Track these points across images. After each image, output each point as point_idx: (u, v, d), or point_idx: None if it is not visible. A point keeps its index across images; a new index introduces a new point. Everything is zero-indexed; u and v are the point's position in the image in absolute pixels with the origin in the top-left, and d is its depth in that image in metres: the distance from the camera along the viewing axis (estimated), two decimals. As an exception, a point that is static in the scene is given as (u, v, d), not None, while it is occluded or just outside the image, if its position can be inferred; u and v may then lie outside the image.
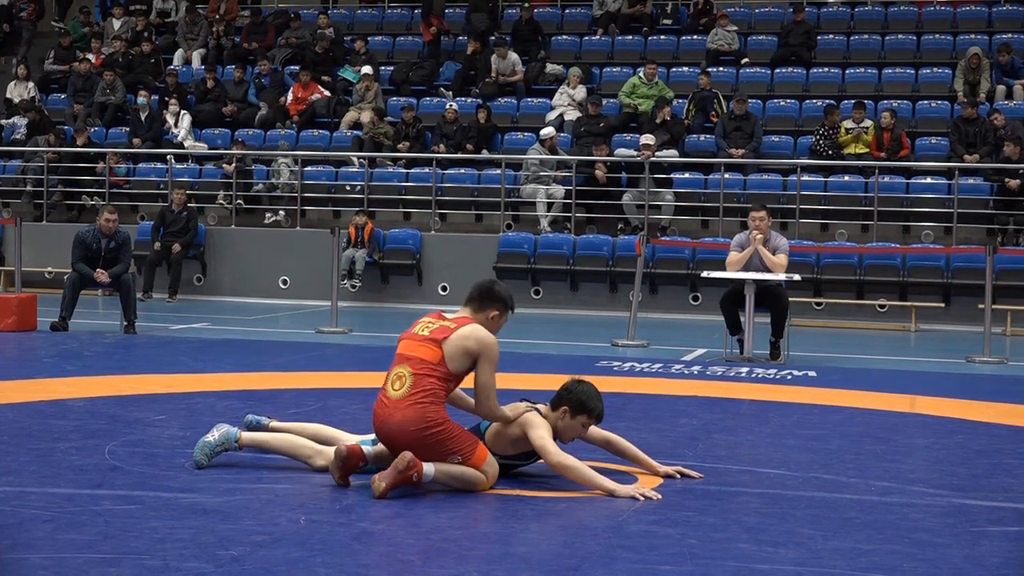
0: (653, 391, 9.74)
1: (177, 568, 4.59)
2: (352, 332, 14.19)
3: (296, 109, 21.10)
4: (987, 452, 7.57)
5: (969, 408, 9.28)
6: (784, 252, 12.15)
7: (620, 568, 4.77)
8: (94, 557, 4.71)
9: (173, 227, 18.08)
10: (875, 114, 18.98)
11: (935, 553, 5.12)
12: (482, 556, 4.92)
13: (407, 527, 5.34)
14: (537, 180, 18.41)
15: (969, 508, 6.01)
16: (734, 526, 5.48)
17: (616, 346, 13.32)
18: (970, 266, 16.01)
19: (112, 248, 13.46)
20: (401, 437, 5.93)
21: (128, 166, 20.64)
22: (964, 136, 18.03)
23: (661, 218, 18.14)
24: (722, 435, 7.91)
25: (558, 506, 5.81)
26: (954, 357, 13.04)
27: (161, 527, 5.17)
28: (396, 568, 4.66)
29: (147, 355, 11.51)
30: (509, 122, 20.70)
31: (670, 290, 17.22)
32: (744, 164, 18.44)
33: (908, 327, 16.03)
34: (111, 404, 8.44)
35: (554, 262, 17.55)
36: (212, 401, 8.66)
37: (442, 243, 18.21)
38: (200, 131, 21.26)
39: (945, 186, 17.73)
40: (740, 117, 18.62)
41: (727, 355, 12.36)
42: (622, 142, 19.19)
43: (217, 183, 19.77)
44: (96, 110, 21.86)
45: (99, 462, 6.51)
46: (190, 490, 5.90)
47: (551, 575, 4.69)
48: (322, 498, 5.76)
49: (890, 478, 6.65)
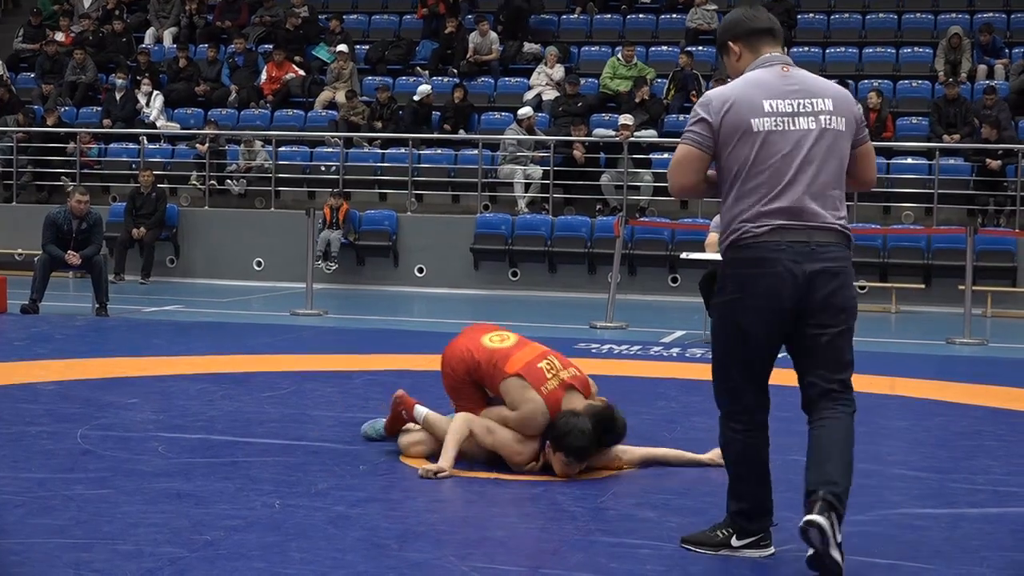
0: (631, 373, 9.75)
1: (151, 553, 4.58)
2: (327, 314, 14.17)
3: (270, 89, 21.02)
4: (967, 434, 7.62)
5: (949, 390, 9.32)
6: (764, 233, 12.15)
7: (598, 552, 4.79)
8: (66, 542, 4.70)
9: (144, 209, 18.00)
10: (856, 93, 19.00)
11: (915, 535, 5.15)
12: (459, 540, 4.93)
13: (383, 511, 5.35)
14: (515, 160, 18.39)
15: (949, 490, 6.05)
16: (713, 509, 5.49)
17: (594, 328, 13.34)
18: (950, 247, 16.06)
19: (84, 230, 13.41)
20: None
21: (99, 146, 20.54)
22: (944, 116, 18.08)
23: (640, 199, 18.14)
24: (701, 418, 7.92)
25: (536, 490, 5.82)
26: (934, 339, 13.10)
27: (134, 512, 5.16)
28: (372, 552, 4.67)
29: (119, 338, 11.47)
30: (486, 102, 20.66)
31: (649, 272, 17.23)
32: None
33: (888, 308, 16.09)
34: (83, 387, 8.41)
35: (532, 243, 17.54)
36: (185, 384, 8.65)
37: (418, 224, 18.18)
38: (172, 111, 21.16)
39: (925, 167, 17.79)
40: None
41: (706, 337, 12.37)
42: (600, 122, 19.18)
43: (190, 164, 19.70)
44: (66, 89, 21.73)
45: (71, 446, 6.50)
46: (163, 475, 5.89)
47: (529, 559, 4.70)
48: (297, 482, 5.76)
49: (869, 460, 6.66)
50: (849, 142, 4.74)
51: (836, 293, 4.65)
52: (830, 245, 4.66)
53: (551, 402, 6.10)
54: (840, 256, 4.68)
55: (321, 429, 7.18)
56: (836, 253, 4.67)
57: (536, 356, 6.28)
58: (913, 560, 4.78)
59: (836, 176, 4.71)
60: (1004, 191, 17.33)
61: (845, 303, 4.68)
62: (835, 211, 4.70)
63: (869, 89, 18.66)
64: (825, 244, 4.65)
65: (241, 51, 21.75)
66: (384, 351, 10.76)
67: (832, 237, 4.67)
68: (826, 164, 4.67)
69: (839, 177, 4.72)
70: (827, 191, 4.68)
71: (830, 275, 4.64)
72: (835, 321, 4.67)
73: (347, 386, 8.85)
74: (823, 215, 4.66)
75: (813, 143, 4.66)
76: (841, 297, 4.67)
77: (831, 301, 4.65)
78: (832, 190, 4.69)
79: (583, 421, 5.99)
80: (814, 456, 4.64)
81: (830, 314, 4.66)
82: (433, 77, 20.79)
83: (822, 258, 4.64)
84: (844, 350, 4.71)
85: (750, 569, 4.60)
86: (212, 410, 7.68)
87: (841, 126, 4.70)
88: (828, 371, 4.69)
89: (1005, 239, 16.26)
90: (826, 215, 4.66)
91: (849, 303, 4.71)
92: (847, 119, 4.73)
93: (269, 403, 7.94)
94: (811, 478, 4.57)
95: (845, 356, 4.71)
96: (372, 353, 10.60)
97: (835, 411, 4.68)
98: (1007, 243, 16.28)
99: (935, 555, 4.86)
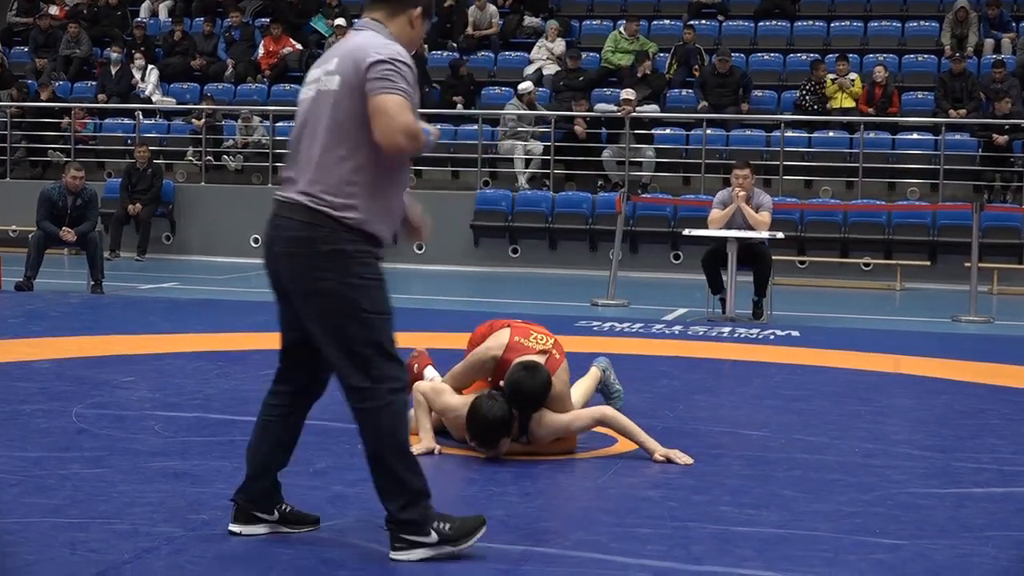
0: (633, 352, 9.75)
1: (147, 532, 4.59)
2: (325, 292, 14.13)
3: (267, 63, 20.97)
4: (972, 413, 7.62)
5: (954, 368, 9.33)
6: (767, 209, 12.15)
7: (599, 531, 4.80)
8: (61, 522, 4.71)
9: (140, 185, 17.97)
10: (860, 68, 18.97)
11: (919, 515, 5.16)
12: (459, 519, 4.93)
13: (382, 490, 5.34)
14: (515, 136, 18.36)
15: (954, 469, 6.05)
16: (715, 488, 5.51)
17: (596, 306, 13.33)
18: (956, 223, 16.04)
19: (78, 206, 13.40)
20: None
21: (94, 122, 20.51)
22: (951, 91, 18.03)
23: (642, 175, 18.12)
24: (703, 396, 7.93)
25: (536, 468, 5.82)
26: (940, 316, 13.09)
27: (130, 491, 5.17)
28: (370, 532, 4.67)
29: (115, 315, 11.47)
30: (486, 76, 20.61)
31: (651, 248, 17.22)
32: (727, 120, 18.42)
33: (893, 286, 16.08)
34: (78, 366, 8.42)
35: (532, 220, 17.52)
36: (182, 363, 8.65)
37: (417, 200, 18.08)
38: (168, 85, 21.11)
39: (931, 142, 17.76)
40: (722, 75, 18.56)
41: (709, 315, 12.38)
42: (602, 97, 19.14)
43: (186, 139, 19.66)
44: (61, 64, 21.69)
45: (66, 425, 6.50)
46: (160, 453, 5.90)
47: (529, 538, 4.71)
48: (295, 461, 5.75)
49: (874, 439, 6.68)
50: (350, 99, 4.30)
51: (296, 278, 4.34)
52: (291, 221, 4.33)
53: (509, 351, 6.10)
54: (297, 237, 4.30)
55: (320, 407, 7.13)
56: (293, 233, 4.31)
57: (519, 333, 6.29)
58: (917, 539, 4.78)
59: (326, 141, 4.31)
60: (1011, 167, 17.31)
61: (308, 287, 4.30)
62: (317, 182, 4.30)
63: (875, 63, 18.61)
64: (286, 219, 4.34)
65: (238, 25, 21.68)
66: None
67: (294, 213, 4.33)
68: (316, 129, 4.34)
69: (329, 142, 4.31)
70: (316, 158, 4.32)
71: (286, 257, 4.35)
72: (311, 312, 4.34)
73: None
74: (295, 186, 4.35)
75: (308, 109, 4.42)
76: (302, 283, 4.32)
77: (293, 287, 4.36)
78: (324, 155, 4.31)
79: (493, 406, 5.84)
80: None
81: (300, 301, 4.36)
82: (432, 52, 20.72)
83: (281, 236, 4.36)
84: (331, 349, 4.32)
85: (753, 548, 4.61)
86: (209, 388, 7.69)
87: (334, 85, 4.33)
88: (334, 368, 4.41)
89: (1012, 215, 16.23)
90: (297, 187, 4.33)
91: (313, 287, 4.29)
92: (344, 76, 4.31)
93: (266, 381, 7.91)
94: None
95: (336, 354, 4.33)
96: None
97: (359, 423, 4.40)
98: (1014, 219, 16.26)
99: (939, 534, 4.87)
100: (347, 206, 4.28)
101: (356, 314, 4.29)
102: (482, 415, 5.82)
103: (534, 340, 6.20)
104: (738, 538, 4.74)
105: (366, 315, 4.31)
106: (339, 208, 4.28)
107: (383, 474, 4.34)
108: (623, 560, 4.43)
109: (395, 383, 4.35)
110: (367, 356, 4.30)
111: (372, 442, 4.35)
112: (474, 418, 5.85)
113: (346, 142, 4.30)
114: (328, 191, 4.29)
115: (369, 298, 4.31)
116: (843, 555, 4.56)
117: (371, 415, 4.33)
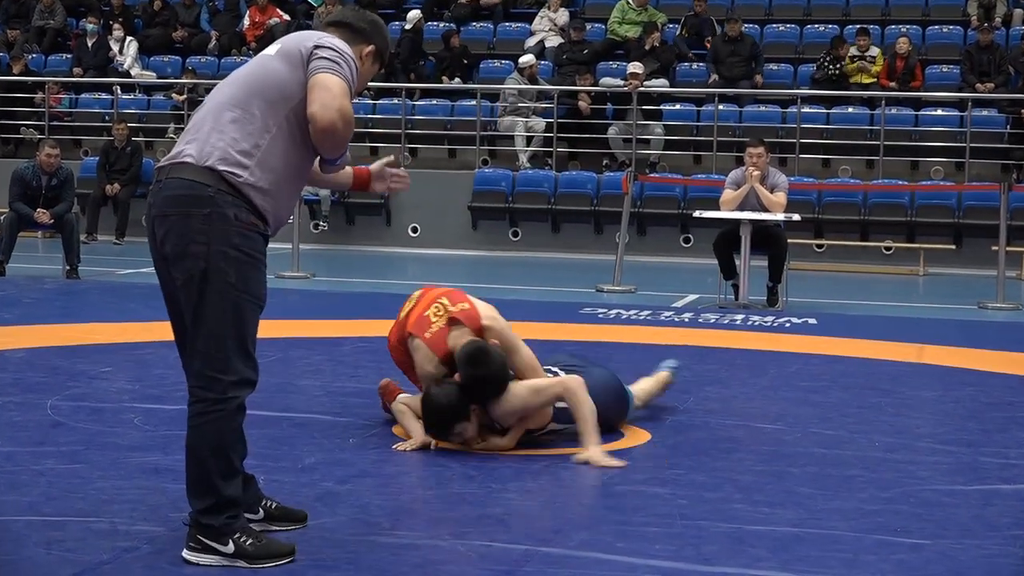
0: (641, 340, 9.76)
1: (126, 531, 4.59)
2: (315, 277, 14.17)
3: (253, 35, 20.94)
4: (999, 405, 7.62)
5: (981, 358, 9.33)
6: (783, 190, 12.15)
7: (604, 530, 4.80)
8: (36, 520, 4.71)
9: (118, 164, 17.96)
10: (882, 40, 18.95)
11: (943, 513, 5.16)
12: (456, 519, 4.94)
13: (375, 487, 5.35)
14: (515, 112, 18.35)
15: (980, 465, 6.05)
16: (728, 485, 5.51)
17: (601, 292, 13.34)
18: (983, 205, 16.04)
19: (54, 186, 13.40)
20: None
21: (70, 97, 20.49)
22: (977, 64, 18.02)
23: (650, 153, 18.12)
24: (715, 387, 7.94)
25: (538, 464, 5.82)
26: (965, 303, 13.10)
27: (108, 488, 5.17)
28: (363, 531, 4.67)
29: (92, 302, 11.47)
30: (485, 49, 20.60)
31: (659, 231, 17.23)
32: (740, 95, 18.41)
33: (916, 271, 16.08)
34: (53, 355, 8.42)
35: (534, 201, 17.52)
36: (163, 352, 8.62)
37: (412, 181, 17.99)
38: (148, 58, 21.09)
39: (957, 118, 17.75)
40: (734, 40, 18.55)
41: (721, 301, 12.38)
42: (608, 71, 19.13)
43: (167, 115, 19.65)
44: (34, 35, 21.66)
45: (40, 418, 6.50)
46: (140, 448, 5.90)
47: (530, 539, 4.71)
48: (283, 457, 5.77)
49: (895, 433, 6.69)
50: (283, 67, 4.32)
51: (168, 241, 4.24)
52: (173, 180, 4.23)
53: (435, 344, 6.13)
54: (176, 196, 4.21)
55: (308, 399, 7.19)
56: (173, 192, 4.22)
57: (426, 304, 6.32)
58: (941, 539, 4.78)
59: (240, 101, 4.30)
60: (1041, 145, 17.32)
61: (180, 250, 4.20)
62: (212, 141, 4.24)
63: (897, 35, 18.59)
64: (171, 179, 4.24)
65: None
66: (375, 316, 10.74)
67: (180, 171, 4.24)
68: (235, 91, 4.34)
69: (243, 102, 4.29)
70: (219, 119, 4.28)
71: (161, 219, 4.25)
72: (178, 277, 4.24)
73: (336, 354, 8.86)
74: (187, 147, 4.27)
75: (229, 77, 4.45)
76: (175, 246, 4.21)
77: (168, 250, 4.26)
78: (228, 114, 4.28)
79: (440, 392, 5.87)
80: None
81: (172, 265, 4.26)
82: (428, 23, 20.71)
83: (160, 197, 4.26)
84: (197, 325, 4.22)
85: (768, 549, 4.61)
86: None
87: (271, 51, 4.41)
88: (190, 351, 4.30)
89: (1041, 196, 16.24)
90: (189, 147, 4.25)
91: (184, 250, 4.19)
92: (285, 46, 4.38)
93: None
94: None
95: (196, 337, 4.22)
96: (362, 318, 10.60)
97: (189, 412, 4.28)
98: (1044, 201, 16.27)
99: (964, 534, 4.87)
100: (240, 164, 4.22)
101: (222, 289, 4.19)
102: (431, 402, 5.87)
103: (434, 310, 6.24)
104: (752, 537, 4.75)
105: (233, 293, 4.21)
106: (231, 164, 4.21)
107: (196, 472, 4.27)
108: (630, 560, 4.44)
109: (239, 387, 4.26)
110: (221, 342, 4.21)
111: (195, 436, 4.26)
112: (425, 406, 5.90)
113: (263, 105, 4.29)
114: (223, 151, 4.22)
115: (242, 275, 4.22)
116: (862, 556, 4.56)
117: (204, 408, 4.24)
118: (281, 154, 4.30)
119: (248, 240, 4.24)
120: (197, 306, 4.22)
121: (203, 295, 4.20)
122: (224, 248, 4.19)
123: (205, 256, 4.17)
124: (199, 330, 4.23)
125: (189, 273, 4.20)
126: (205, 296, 4.20)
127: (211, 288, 4.19)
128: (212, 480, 4.25)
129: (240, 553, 4.26)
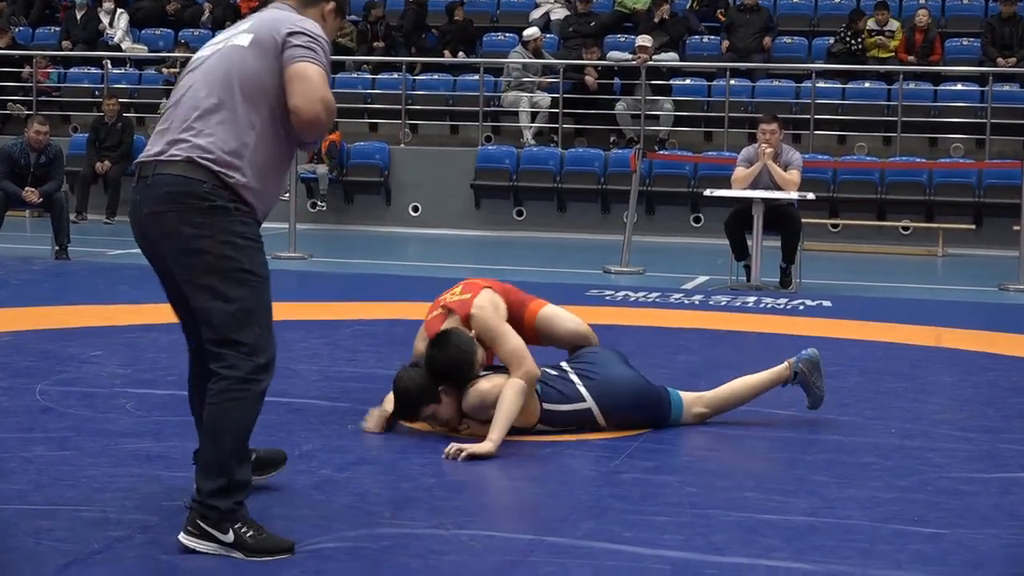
0: (649, 323, 9.76)
1: (118, 520, 4.60)
2: (312, 258, 14.17)
3: (248, 6, 20.89)
4: (1020, 390, 7.63)
5: (1001, 342, 9.33)
6: (797, 168, 12.14)
7: (611, 520, 4.80)
8: (25, 508, 4.72)
9: (108, 141, 17.95)
10: (899, 12, 18.90)
11: (961, 502, 5.17)
12: (457, 507, 4.94)
13: (374, 475, 5.36)
14: (520, 87, 18.32)
15: (1000, 452, 6.06)
16: (739, 473, 5.52)
17: (608, 273, 13.33)
18: (1004, 183, 15.99)
19: (42, 164, 13.40)
20: None
21: (58, 71, 20.47)
22: (999, 37, 17.98)
23: (659, 129, 18.09)
24: (726, 372, 7.91)
25: (543, 451, 5.83)
26: (986, 285, 13.09)
27: (100, 475, 5.18)
28: (362, 520, 4.68)
29: (82, 284, 11.48)
30: (488, 22, 20.56)
31: (669, 210, 17.22)
32: (752, 69, 18.38)
33: (934, 251, 16.07)
34: (42, 339, 8.42)
35: (539, 179, 17.51)
36: (155, 335, 8.65)
37: (413, 158, 18.15)
38: (139, 31, 21.07)
39: (977, 93, 17.71)
40: (750, 9, 18.51)
41: (732, 283, 12.38)
42: (615, 44, 19.10)
43: (159, 90, 19.62)
44: (21, 7, 21.64)
45: (29, 403, 6.51)
46: (132, 435, 5.91)
47: (534, 528, 4.72)
48: (279, 443, 5.77)
49: (913, 419, 6.69)
50: (257, 60, 4.34)
51: (166, 237, 4.34)
52: (165, 176, 4.31)
53: (430, 329, 6.16)
54: (170, 193, 4.28)
55: (305, 384, 7.19)
56: (165, 188, 4.29)
57: (451, 292, 6.37)
58: (959, 528, 4.79)
59: (222, 99, 4.32)
60: (1064, 121, 17.28)
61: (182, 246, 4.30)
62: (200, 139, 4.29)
63: (916, 7, 18.55)
64: (162, 175, 4.31)
65: (215, -36, 21.64)
66: (375, 298, 10.77)
67: (171, 168, 4.31)
68: (212, 85, 4.35)
69: (225, 100, 4.31)
70: (204, 116, 4.32)
71: (155, 216, 4.33)
72: (184, 274, 4.34)
73: (334, 337, 8.86)
74: (173, 144, 4.32)
75: (203, 67, 4.43)
76: (175, 242, 4.31)
77: (165, 247, 4.37)
78: (214, 113, 4.31)
79: (405, 375, 5.94)
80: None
81: (173, 261, 4.37)
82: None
83: (151, 194, 4.34)
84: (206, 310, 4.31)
85: (781, 538, 4.62)
86: (184, 363, 7.64)
87: (243, 42, 4.40)
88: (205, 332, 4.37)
89: (1065, 174, 16.21)
90: (177, 144, 4.31)
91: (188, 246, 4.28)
92: (258, 35, 4.39)
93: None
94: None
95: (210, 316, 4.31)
96: (361, 300, 10.61)
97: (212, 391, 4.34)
98: (1067, 179, 16.24)
99: (984, 523, 4.88)
100: (232, 165, 4.28)
101: (239, 278, 4.29)
102: (398, 384, 5.92)
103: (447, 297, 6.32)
104: (764, 527, 4.75)
105: (254, 279, 4.32)
106: (223, 165, 4.27)
107: (211, 452, 4.32)
108: (638, 550, 4.44)
109: (267, 369, 4.37)
110: (244, 321, 4.30)
111: (219, 415, 4.32)
112: (393, 388, 5.97)
113: (244, 104, 4.32)
114: (213, 149, 4.27)
115: (253, 260, 4.33)
116: (879, 545, 4.57)
117: (229, 385, 4.30)
118: (266, 149, 4.36)
119: (249, 227, 4.33)
120: (216, 294, 4.28)
121: (219, 285, 4.27)
122: (230, 238, 4.28)
123: (211, 248, 4.26)
124: (227, 318, 4.28)
125: (198, 268, 4.29)
126: (222, 285, 4.27)
127: (227, 278, 4.27)
128: (227, 461, 4.30)
129: (238, 543, 4.28)
